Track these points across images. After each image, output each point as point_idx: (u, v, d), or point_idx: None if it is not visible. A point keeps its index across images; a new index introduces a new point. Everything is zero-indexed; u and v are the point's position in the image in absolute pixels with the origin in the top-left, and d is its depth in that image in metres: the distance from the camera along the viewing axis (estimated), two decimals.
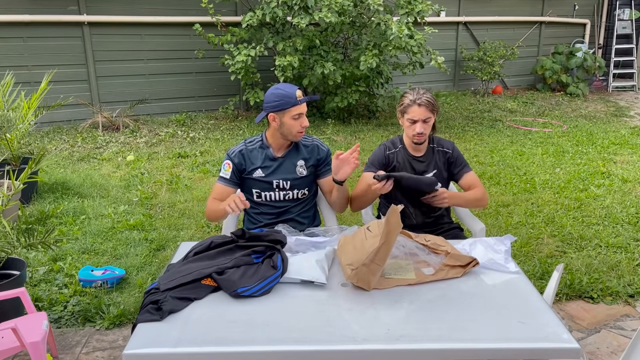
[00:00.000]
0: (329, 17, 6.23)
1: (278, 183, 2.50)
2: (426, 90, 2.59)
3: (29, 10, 6.63)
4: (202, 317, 1.70)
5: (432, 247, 2.02)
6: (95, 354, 2.68)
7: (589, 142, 6.51)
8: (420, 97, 2.53)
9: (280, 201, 2.53)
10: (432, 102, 2.54)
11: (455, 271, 1.94)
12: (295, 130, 2.43)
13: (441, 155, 2.70)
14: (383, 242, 1.77)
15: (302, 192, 2.55)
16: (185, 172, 5.40)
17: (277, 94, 2.39)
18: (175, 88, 7.69)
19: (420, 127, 2.55)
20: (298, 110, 2.39)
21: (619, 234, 3.98)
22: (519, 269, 2.00)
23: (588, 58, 9.66)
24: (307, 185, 2.56)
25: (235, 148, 2.54)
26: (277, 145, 2.52)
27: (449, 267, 1.95)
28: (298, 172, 2.52)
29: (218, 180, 2.55)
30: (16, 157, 4.57)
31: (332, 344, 1.58)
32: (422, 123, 2.54)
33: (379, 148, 2.75)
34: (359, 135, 6.81)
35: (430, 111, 2.54)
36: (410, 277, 1.90)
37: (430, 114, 2.55)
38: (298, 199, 2.56)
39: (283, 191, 2.52)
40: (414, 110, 2.54)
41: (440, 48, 8.34)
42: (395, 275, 1.91)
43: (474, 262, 1.97)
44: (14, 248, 2.82)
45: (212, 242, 2.04)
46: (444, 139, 2.76)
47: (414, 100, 2.54)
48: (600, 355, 2.67)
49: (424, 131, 2.56)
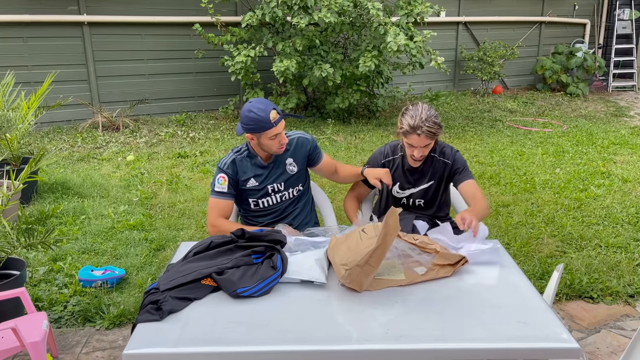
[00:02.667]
0: (329, 17, 6.22)
1: (273, 187, 2.50)
2: (429, 109, 2.42)
3: (29, 10, 6.63)
4: (202, 317, 1.70)
5: (421, 245, 2.00)
6: (95, 354, 2.68)
7: (589, 142, 6.51)
8: (421, 125, 2.36)
9: (277, 204, 2.53)
10: (433, 132, 2.39)
11: (445, 270, 1.94)
12: (274, 148, 2.39)
13: (441, 165, 2.62)
14: (379, 244, 1.76)
15: (297, 189, 2.56)
16: (185, 172, 5.40)
17: (251, 117, 2.29)
18: (175, 88, 7.69)
19: (419, 153, 2.48)
20: (274, 132, 2.32)
21: (619, 234, 3.98)
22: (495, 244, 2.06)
23: (588, 58, 9.65)
24: (300, 180, 2.57)
25: (226, 159, 2.46)
26: (263, 154, 2.48)
27: (439, 267, 1.94)
28: (289, 170, 2.52)
29: (213, 195, 2.43)
30: (16, 157, 4.57)
31: (331, 344, 1.58)
32: (420, 149, 2.47)
33: (377, 153, 2.70)
34: (359, 135, 6.81)
35: (430, 139, 2.42)
36: (400, 277, 1.89)
37: (430, 141, 2.44)
38: (294, 197, 2.56)
39: (279, 193, 2.52)
40: (412, 139, 2.43)
41: (440, 48, 8.34)
42: (385, 276, 1.90)
43: (463, 260, 1.97)
44: (14, 248, 2.82)
45: (212, 242, 2.04)
46: (447, 147, 2.65)
47: (414, 128, 2.38)
48: (600, 355, 2.67)
49: (423, 154, 2.50)
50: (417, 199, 2.69)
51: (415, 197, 2.69)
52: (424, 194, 2.68)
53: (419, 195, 2.69)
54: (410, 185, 2.67)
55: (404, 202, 2.71)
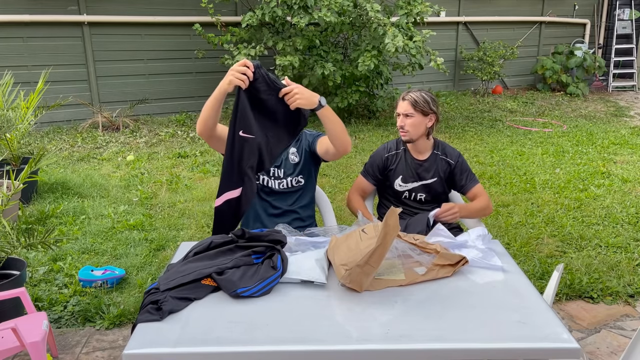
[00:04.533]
0: (329, 17, 6.22)
1: (273, 171, 2.54)
2: (423, 91, 2.63)
3: (29, 10, 6.63)
4: (202, 317, 1.70)
5: (421, 245, 2.00)
6: (95, 354, 2.68)
7: (589, 142, 6.51)
8: (408, 93, 2.60)
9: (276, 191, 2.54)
10: (415, 99, 2.57)
11: (445, 270, 1.93)
12: None
13: (443, 164, 2.69)
14: (379, 244, 1.75)
15: (297, 180, 2.56)
16: (185, 172, 5.40)
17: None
18: (175, 88, 7.69)
19: (401, 121, 2.61)
20: None
21: (619, 234, 3.98)
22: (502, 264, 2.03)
23: (588, 58, 9.66)
24: (301, 172, 2.58)
25: None
26: None
27: (439, 267, 1.94)
28: (291, 159, 2.57)
29: None
30: (16, 157, 4.57)
31: (332, 344, 1.58)
32: (403, 117, 2.60)
33: (380, 148, 2.76)
34: (358, 135, 6.81)
35: (412, 107, 2.57)
36: (400, 277, 1.89)
37: (412, 110, 2.57)
38: (292, 187, 2.57)
39: (277, 180, 2.54)
40: (399, 105, 2.63)
41: (440, 48, 8.34)
42: (385, 276, 1.90)
43: (463, 260, 1.96)
44: (14, 248, 2.82)
45: (212, 242, 2.04)
46: (451, 148, 2.73)
47: (402, 96, 2.63)
48: (600, 355, 2.67)
49: (403, 125, 2.60)
50: (420, 193, 2.72)
51: (418, 191, 2.72)
52: (428, 190, 2.71)
53: (421, 189, 2.71)
54: (413, 178, 2.70)
55: (406, 195, 2.72)
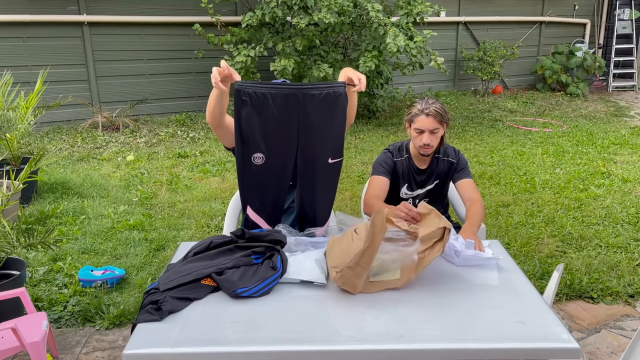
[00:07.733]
0: (328, 18, 6.22)
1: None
2: (436, 100, 2.50)
3: (29, 10, 6.63)
4: (202, 317, 1.70)
5: (406, 229, 1.95)
6: (95, 354, 2.68)
7: (589, 142, 6.51)
8: (428, 106, 2.44)
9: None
10: (440, 113, 2.45)
11: (437, 249, 1.87)
12: None
13: (446, 165, 2.65)
14: (368, 245, 1.74)
15: None
16: (185, 172, 5.40)
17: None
18: (175, 88, 7.69)
19: (427, 138, 2.47)
20: None
21: (619, 234, 3.98)
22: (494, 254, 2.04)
23: (588, 58, 9.65)
24: None
25: None
26: None
27: (429, 249, 1.88)
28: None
29: None
30: (16, 157, 4.57)
31: (332, 344, 1.58)
32: (429, 134, 2.47)
33: (385, 153, 2.68)
34: (359, 135, 6.81)
35: (438, 122, 2.45)
36: (396, 277, 1.87)
37: (439, 125, 2.46)
38: None
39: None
40: (421, 120, 2.45)
41: (440, 48, 8.35)
42: (381, 277, 1.88)
43: (446, 230, 1.87)
44: (14, 248, 2.82)
45: (211, 242, 2.04)
46: (449, 147, 2.68)
47: (422, 109, 2.45)
48: (600, 355, 2.67)
49: (431, 142, 2.48)
50: (422, 198, 2.72)
51: (421, 197, 2.71)
52: (428, 193, 2.71)
53: (424, 195, 2.71)
54: (418, 186, 2.68)
55: (410, 202, 2.72)
